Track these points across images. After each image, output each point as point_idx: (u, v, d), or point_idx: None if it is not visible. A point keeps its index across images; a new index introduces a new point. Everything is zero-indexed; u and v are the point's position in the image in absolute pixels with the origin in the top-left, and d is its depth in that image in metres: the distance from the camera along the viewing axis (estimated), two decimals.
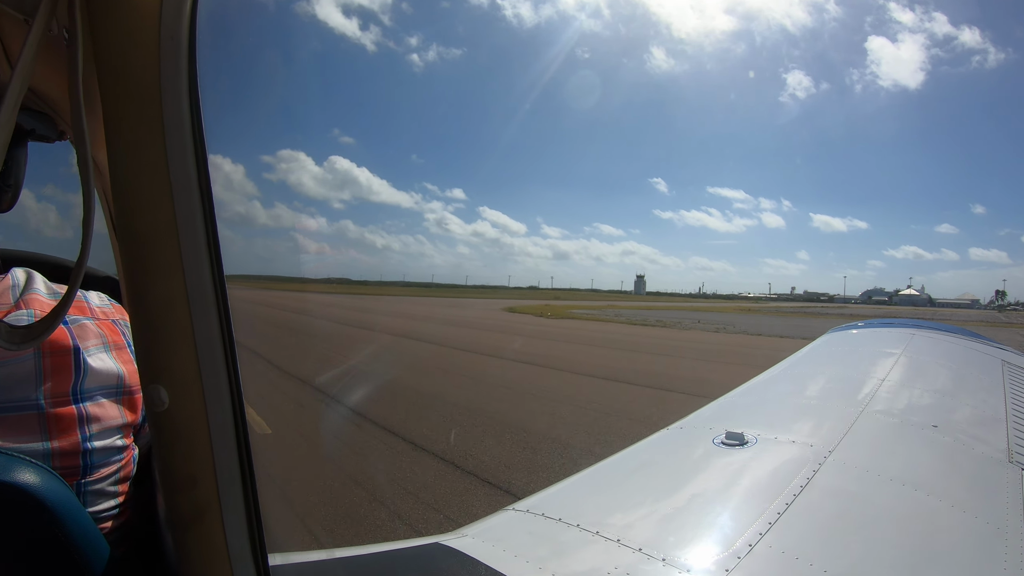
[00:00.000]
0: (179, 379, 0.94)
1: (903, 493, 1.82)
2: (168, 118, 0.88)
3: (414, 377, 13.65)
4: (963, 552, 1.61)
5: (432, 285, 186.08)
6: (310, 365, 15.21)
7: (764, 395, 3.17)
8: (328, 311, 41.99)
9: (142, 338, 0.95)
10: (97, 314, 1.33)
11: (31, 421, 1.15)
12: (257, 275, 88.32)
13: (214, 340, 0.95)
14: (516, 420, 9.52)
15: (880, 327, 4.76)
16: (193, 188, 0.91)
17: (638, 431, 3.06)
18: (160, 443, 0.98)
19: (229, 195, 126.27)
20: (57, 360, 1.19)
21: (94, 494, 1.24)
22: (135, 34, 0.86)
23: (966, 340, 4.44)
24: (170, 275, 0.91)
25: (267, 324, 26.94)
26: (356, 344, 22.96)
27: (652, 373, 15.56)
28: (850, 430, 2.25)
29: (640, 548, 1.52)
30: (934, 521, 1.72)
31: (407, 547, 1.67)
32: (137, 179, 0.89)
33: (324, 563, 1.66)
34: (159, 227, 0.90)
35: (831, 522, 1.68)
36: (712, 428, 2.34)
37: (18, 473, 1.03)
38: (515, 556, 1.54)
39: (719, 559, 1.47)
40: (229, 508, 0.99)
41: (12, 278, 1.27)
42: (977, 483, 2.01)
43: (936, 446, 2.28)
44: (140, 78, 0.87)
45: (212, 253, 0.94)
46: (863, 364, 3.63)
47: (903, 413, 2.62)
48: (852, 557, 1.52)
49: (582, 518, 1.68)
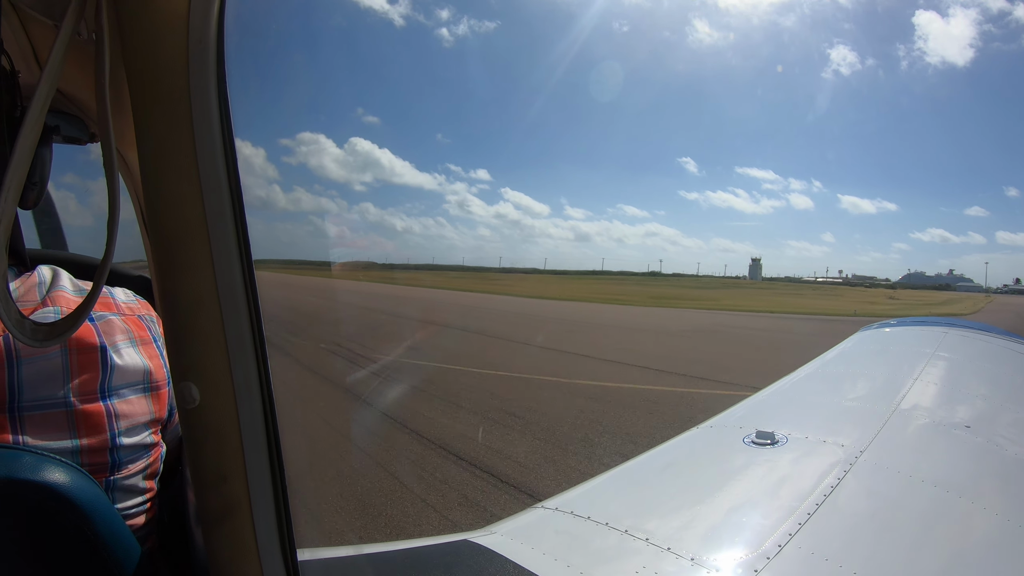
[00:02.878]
0: (210, 376, 0.95)
1: (935, 495, 1.79)
2: (197, 118, 0.89)
3: None
4: (995, 555, 1.58)
5: (460, 268, 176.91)
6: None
7: (795, 394, 3.12)
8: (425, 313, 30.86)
9: (173, 335, 0.96)
10: (123, 310, 1.35)
11: (60, 418, 1.16)
12: (284, 259, 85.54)
13: (244, 337, 0.96)
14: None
15: (912, 325, 4.68)
16: (223, 187, 0.92)
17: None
18: (191, 440, 0.99)
19: (252, 180, 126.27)
20: (84, 357, 1.20)
21: (122, 490, 1.26)
22: (164, 37, 0.87)
23: (999, 339, 4.33)
24: (201, 273, 0.92)
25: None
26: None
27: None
28: (882, 430, 2.20)
29: (668, 547, 1.50)
30: (966, 524, 1.69)
31: (436, 544, 1.68)
32: (167, 179, 0.90)
33: (352, 559, 1.67)
34: (189, 225, 0.91)
35: (862, 523, 1.65)
36: (742, 427, 2.32)
37: (48, 472, 1.05)
38: (543, 554, 1.53)
39: (748, 560, 1.45)
40: (259, 504, 1.00)
41: (38, 275, 1.29)
42: (1010, 485, 1.97)
43: (969, 447, 2.23)
44: (169, 79, 0.88)
45: (242, 251, 0.95)
46: (894, 363, 3.56)
47: (935, 413, 2.57)
48: (882, 559, 1.49)
49: (611, 517, 1.68)
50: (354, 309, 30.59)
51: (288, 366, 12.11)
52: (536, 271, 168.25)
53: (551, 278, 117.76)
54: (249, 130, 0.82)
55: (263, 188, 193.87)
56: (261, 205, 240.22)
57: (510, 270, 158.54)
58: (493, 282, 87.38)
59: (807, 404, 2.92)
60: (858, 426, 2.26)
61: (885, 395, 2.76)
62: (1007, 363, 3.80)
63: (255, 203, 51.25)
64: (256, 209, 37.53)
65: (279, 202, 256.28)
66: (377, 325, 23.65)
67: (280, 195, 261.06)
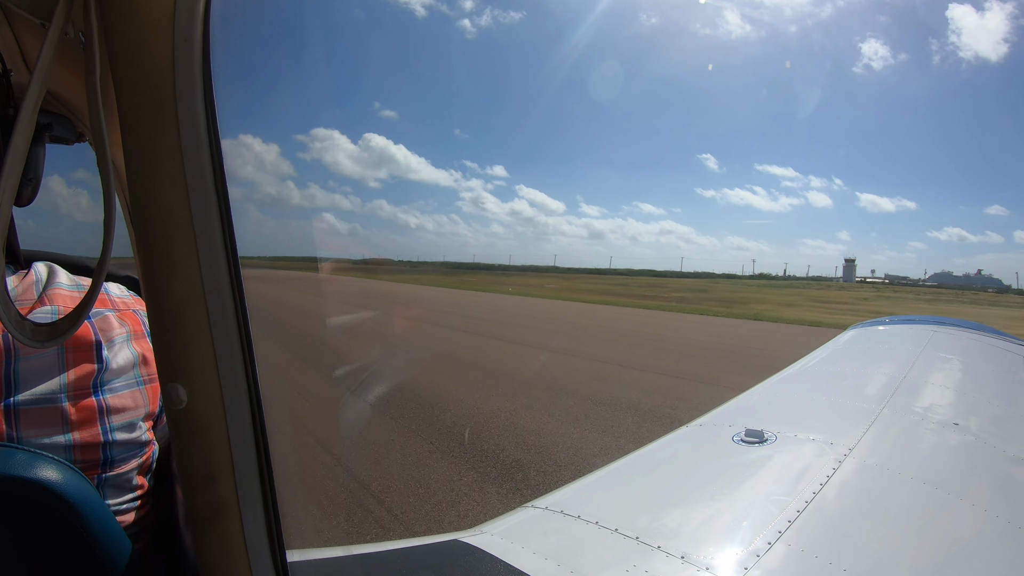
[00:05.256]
0: (197, 377, 0.95)
1: (924, 491, 1.80)
2: (183, 118, 0.89)
3: None
4: (984, 552, 1.59)
5: (473, 266, 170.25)
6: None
7: (784, 392, 3.14)
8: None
9: (160, 336, 0.96)
10: (118, 305, 1.34)
11: (54, 414, 1.16)
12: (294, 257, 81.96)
13: (231, 338, 0.96)
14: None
15: (902, 323, 4.71)
16: (209, 187, 0.92)
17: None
18: (179, 441, 0.99)
19: (261, 176, 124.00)
20: (79, 353, 1.20)
21: (114, 488, 1.25)
22: (149, 36, 0.87)
23: (987, 337, 4.38)
24: (187, 274, 0.92)
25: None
26: None
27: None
28: (871, 428, 2.22)
29: (659, 546, 1.51)
30: (955, 520, 1.70)
31: (426, 544, 1.68)
32: (153, 179, 0.90)
33: (342, 559, 1.67)
34: (175, 226, 0.91)
35: (851, 521, 1.66)
36: (731, 425, 2.33)
37: (41, 470, 1.05)
38: (533, 553, 1.54)
39: (738, 557, 1.46)
40: (247, 505, 1.00)
41: (35, 273, 1.28)
42: (999, 481, 1.98)
43: (957, 444, 2.25)
44: (154, 80, 0.88)
45: (229, 251, 0.94)
46: (884, 361, 3.58)
47: (924, 411, 2.59)
48: (872, 556, 1.50)
49: (601, 516, 1.68)
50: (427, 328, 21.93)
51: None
52: (554, 269, 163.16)
53: (592, 279, 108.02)
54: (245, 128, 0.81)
55: (273, 185, 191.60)
56: (271, 202, 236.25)
57: (525, 268, 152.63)
58: (524, 284, 78.45)
59: (796, 402, 2.93)
60: (847, 424, 2.27)
61: (874, 393, 2.77)
62: (995, 361, 3.83)
63: (265, 200, 48.73)
64: (266, 206, 35.31)
65: (293, 199, 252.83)
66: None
67: (295, 192, 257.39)
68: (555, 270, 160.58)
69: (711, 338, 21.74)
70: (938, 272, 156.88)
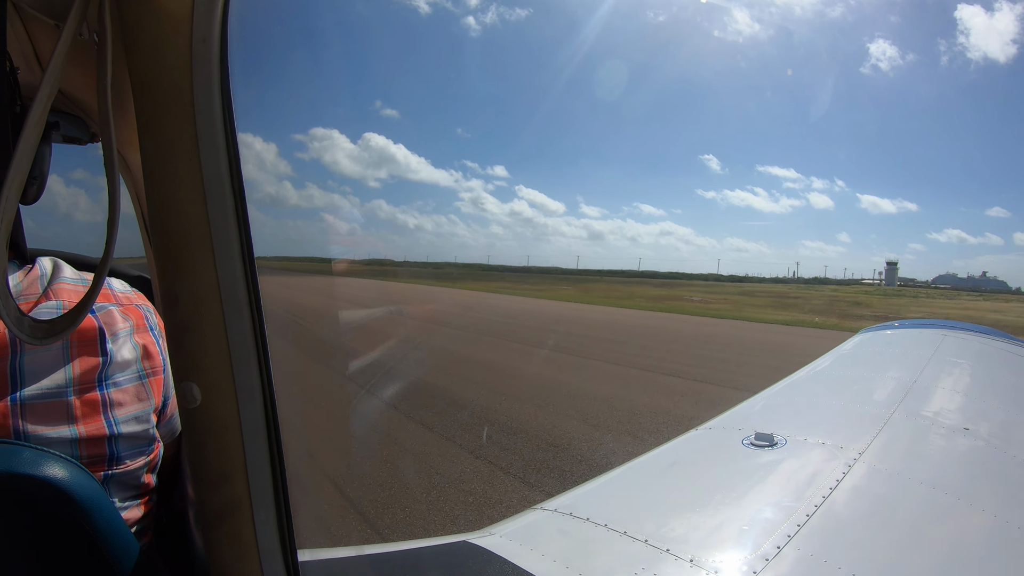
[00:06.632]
0: (211, 376, 0.95)
1: (933, 497, 1.79)
2: (200, 118, 0.89)
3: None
4: (994, 557, 1.58)
5: (472, 267, 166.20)
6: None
7: (794, 396, 3.13)
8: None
9: (175, 335, 0.96)
10: (121, 300, 1.35)
11: (59, 409, 1.16)
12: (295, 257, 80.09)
13: (246, 337, 0.96)
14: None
15: (912, 327, 4.68)
16: (226, 187, 0.92)
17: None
18: (192, 439, 0.99)
19: (262, 175, 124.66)
20: (84, 348, 1.20)
21: (120, 484, 1.25)
22: (167, 37, 0.87)
23: (998, 341, 4.35)
24: (203, 273, 0.93)
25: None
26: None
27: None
28: (880, 432, 2.21)
29: (667, 549, 1.51)
30: (964, 525, 1.69)
31: (435, 545, 1.68)
32: (170, 179, 0.91)
33: (352, 560, 1.67)
34: (192, 226, 0.91)
35: (860, 525, 1.65)
36: (741, 429, 2.32)
37: (47, 468, 1.04)
38: (542, 555, 1.53)
39: (746, 561, 1.45)
40: (260, 505, 1.00)
41: (40, 268, 1.29)
42: (1009, 487, 1.97)
43: (968, 449, 2.24)
44: (172, 80, 0.88)
45: (245, 251, 0.95)
46: (894, 365, 3.56)
47: (934, 415, 2.57)
48: (881, 561, 1.49)
49: (610, 518, 1.68)
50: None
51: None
52: (559, 270, 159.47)
53: (608, 283, 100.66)
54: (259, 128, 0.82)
55: (273, 185, 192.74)
56: (271, 202, 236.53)
57: (527, 270, 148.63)
58: (535, 287, 71.92)
59: (806, 406, 2.92)
60: (857, 428, 2.26)
61: (884, 397, 2.76)
62: (1006, 365, 3.81)
63: (271, 201, 48.70)
64: (267, 206, 35.29)
65: (291, 199, 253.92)
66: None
67: (292, 192, 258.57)
68: (556, 271, 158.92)
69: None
70: (942, 274, 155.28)
